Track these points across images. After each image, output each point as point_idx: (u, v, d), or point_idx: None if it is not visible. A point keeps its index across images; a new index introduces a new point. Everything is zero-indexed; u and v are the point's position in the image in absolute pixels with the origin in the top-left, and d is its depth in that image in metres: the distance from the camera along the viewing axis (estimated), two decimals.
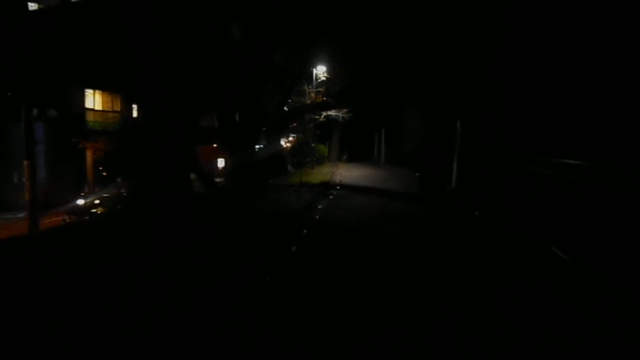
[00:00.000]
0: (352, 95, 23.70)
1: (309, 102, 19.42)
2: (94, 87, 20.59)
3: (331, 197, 11.40)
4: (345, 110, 22.14)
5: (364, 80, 22.89)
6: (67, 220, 12.63)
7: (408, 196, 12.41)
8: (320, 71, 22.51)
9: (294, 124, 28.49)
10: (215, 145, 27.66)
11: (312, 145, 23.19)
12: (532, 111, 11.66)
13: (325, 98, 20.11)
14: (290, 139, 32.86)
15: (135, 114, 20.87)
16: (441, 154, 16.63)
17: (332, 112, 21.36)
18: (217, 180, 19.31)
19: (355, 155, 34.51)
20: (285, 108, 19.62)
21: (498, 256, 5.93)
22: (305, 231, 7.39)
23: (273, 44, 14.01)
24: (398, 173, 19.69)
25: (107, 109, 21.52)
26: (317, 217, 8.77)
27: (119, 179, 16.61)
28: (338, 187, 13.67)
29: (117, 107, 21.63)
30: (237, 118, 14.22)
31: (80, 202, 15.01)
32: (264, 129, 20.73)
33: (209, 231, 6.90)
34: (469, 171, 13.27)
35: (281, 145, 21.15)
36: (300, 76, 19.51)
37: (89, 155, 19.66)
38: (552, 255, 5.79)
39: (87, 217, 12.40)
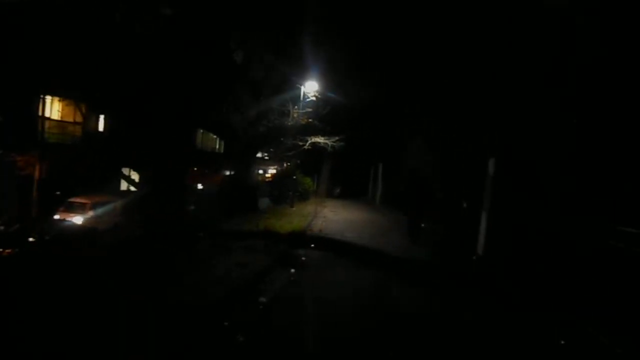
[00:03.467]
0: (346, 120, 19.69)
1: (290, 123, 15.41)
2: (53, 94, 16.79)
3: (294, 270, 6.95)
4: (337, 138, 18.03)
5: (360, 101, 18.97)
6: None
7: (419, 269, 8.03)
8: (310, 89, 18.52)
9: (272, 151, 24.39)
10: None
11: (294, 177, 18.93)
12: (616, 156, 7.59)
13: (310, 120, 16.05)
14: (272, 171, 28.73)
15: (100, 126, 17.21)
16: (459, 204, 12.37)
17: (319, 139, 17.25)
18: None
19: (349, 190, 30.39)
20: (260, 129, 15.48)
21: None
22: None
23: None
24: (398, 220, 15.38)
25: (67, 120, 17.64)
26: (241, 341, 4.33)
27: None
28: (312, 246, 9.26)
29: (80, 119, 17.71)
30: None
31: None
32: (232, 152, 16.54)
33: None
34: (506, 235, 9.00)
35: (251, 175, 16.87)
36: (279, 88, 15.53)
37: (36, 170, 15.93)
38: None
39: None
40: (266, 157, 31.11)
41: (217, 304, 4.66)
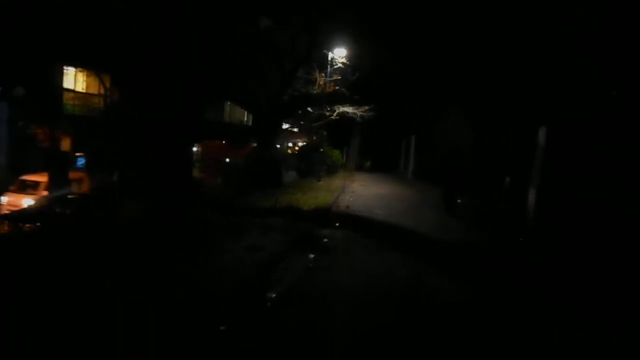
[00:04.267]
0: (376, 89, 18.39)
1: (315, 92, 14.40)
2: (75, 65, 16.49)
3: (314, 255, 6.15)
4: (366, 107, 16.87)
5: (392, 67, 17.60)
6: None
7: (457, 254, 7.05)
8: (339, 55, 17.32)
9: (302, 123, 23.39)
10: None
11: (321, 150, 18.02)
12: None
13: (337, 87, 14.95)
14: (302, 143, 27.89)
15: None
16: (501, 179, 11.15)
17: (348, 109, 16.16)
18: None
19: (379, 164, 29.24)
20: (284, 99, 14.56)
21: None
22: None
23: None
24: (432, 196, 14.28)
25: (91, 92, 17.43)
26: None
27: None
28: (337, 224, 8.41)
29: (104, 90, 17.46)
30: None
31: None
32: (257, 124, 15.76)
33: None
34: (560, 215, 7.83)
35: (275, 148, 16.10)
36: (306, 58, 14.44)
37: (64, 143, 15.95)
38: None
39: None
40: (295, 130, 30.28)
41: (212, 302, 3.92)
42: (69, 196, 11.20)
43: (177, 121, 7.77)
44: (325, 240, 7.03)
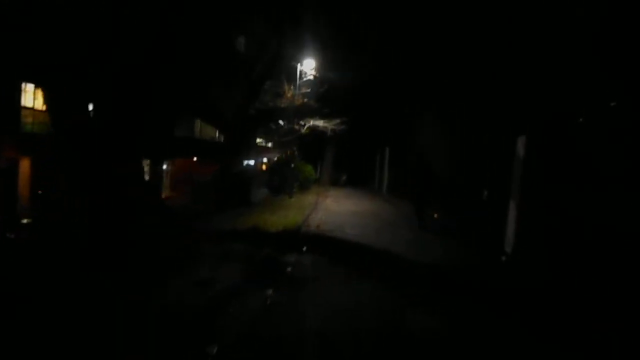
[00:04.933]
0: (347, 100, 17.84)
1: (284, 105, 13.70)
2: (35, 82, 15.22)
3: (275, 289, 5.29)
4: (338, 121, 16.26)
5: (363, 78, 17.09)
6: None
7: (437, 279, 6.33)
8: (308, 67, 16.73)
9: (276, 139, 22.60)
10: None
11: (292, 165, 17.24)
12: None
13: (306, 100, 14.29)
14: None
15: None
16: (478, 192, 10.62)
17: (318, 122, 15.50)
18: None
19: (355, 178, 28.69)
20: (251, 112, 13.77)
21: None
22: None
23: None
24: (407, 211, 13.66)
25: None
26: None
27: None
28: (304, 249, 7.57)
29: None
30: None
31: None
32: (224, 140, 14.85)
33: None
34: (543, 230, 7.26)
35: (243, 164, 15.23)
36: (273, 68, 13.74)
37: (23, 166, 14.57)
38: None
39: None
40: (269, 145, 29.42)
41: None
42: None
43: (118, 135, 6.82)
44: (289, 269, 6.19)
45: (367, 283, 5.71)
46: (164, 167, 20.08)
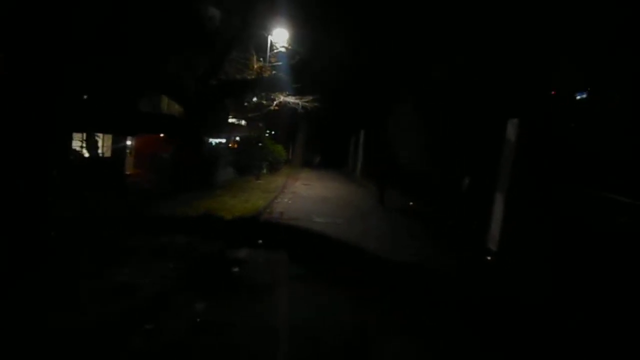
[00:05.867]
0: (322, 78, 16.58)
1: (250, 77, 12.34)
2: None
3: (213, 299, 4.19)
4: (310, 97, 14.98)
5: (339, 54, 15.85)
6: None
7: (414, 282, 5.36)
8: (280, 39, 15.25)
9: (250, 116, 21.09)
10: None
11: (260, 145, 15.95)
12: None
13: (274, 72, 12.96)
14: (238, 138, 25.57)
15: None
16: (459, 180, 9.74)
17: (289, 98, 14.20)
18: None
19: (329, 160, 27.65)
20: (212, 83, 12.34)
21: None
22: None
23: None
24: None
25: None
26: None
27: None
28: (260, 242, 6.46)
29: None
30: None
31: None
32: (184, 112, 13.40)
33: None
34: (533, 225, 6.40)
35: (205, 142, 13.87)
36: (239, 38, 12.29)
37: None
38: None
39: None
40: (243, 123, 27.75)
41: None
42: None
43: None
44: (236, 269, 5.06)
45: (331, 290, 4.66)
46: (128, 143, 18.47)
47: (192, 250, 5.62)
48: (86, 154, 14.62)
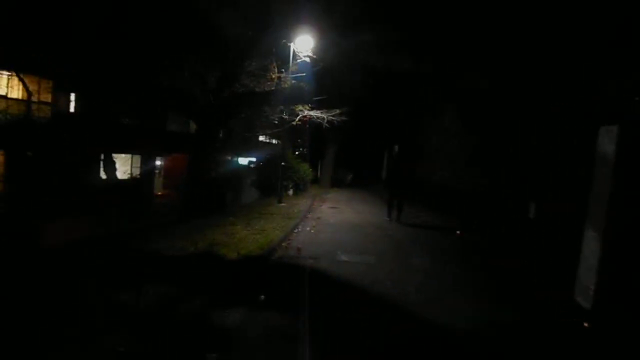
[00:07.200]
0: (351, 89, 15.02)
1: (269, 89, 10.94)
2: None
3: None
4: (338, 111, 13.43)
5: (370, 61, 14.26)
6: None
7: None
8: (303, 47, 13.86)
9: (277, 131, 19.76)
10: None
11: (283, 164, 14.45)
12: None
13: (294, 82, 11.48)
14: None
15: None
16: (521, 207, 7.79)
17: (312, 112, 12.69)
18: None
19: (361, 178, 25.90)
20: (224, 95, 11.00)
21: None
22: None
23: None
24: (424, 223, 10.82)
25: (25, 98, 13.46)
26: None
27: None
28: (262, 297, 4.79)
29: (45, 97, 13.40)
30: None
31: None
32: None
33: None
34: None
35: (218, 161, 12.51)
36: (253, 45, 10.97)
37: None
38: None
39: None
40: (274, 142, 26.43)
41: None
42: None
43: None
44: (214, 355, 3.39)
45: None
46: (157, 163, 17.64)
47: (164, 311, 4.05)
48: (104, 176, 13.67)
